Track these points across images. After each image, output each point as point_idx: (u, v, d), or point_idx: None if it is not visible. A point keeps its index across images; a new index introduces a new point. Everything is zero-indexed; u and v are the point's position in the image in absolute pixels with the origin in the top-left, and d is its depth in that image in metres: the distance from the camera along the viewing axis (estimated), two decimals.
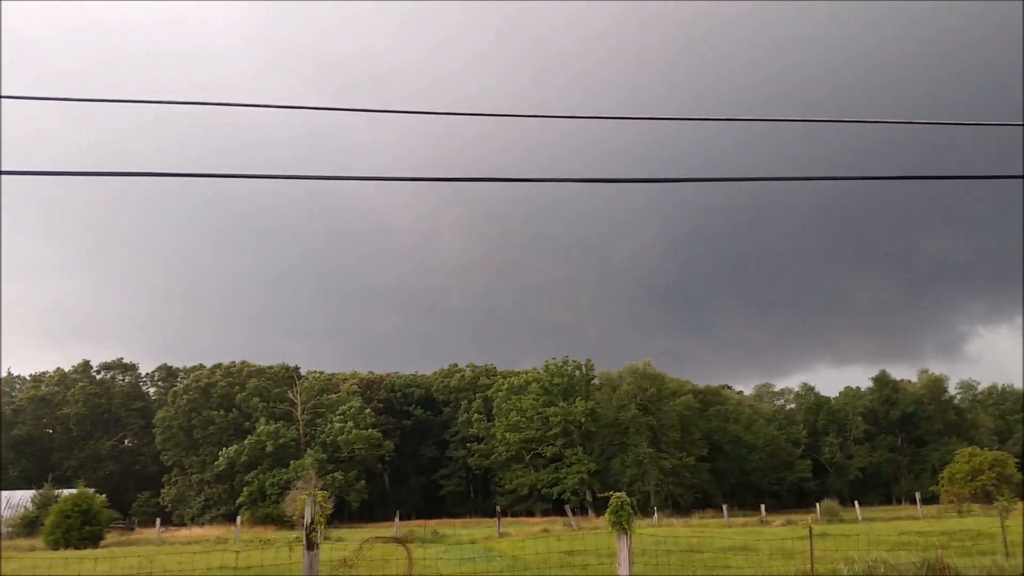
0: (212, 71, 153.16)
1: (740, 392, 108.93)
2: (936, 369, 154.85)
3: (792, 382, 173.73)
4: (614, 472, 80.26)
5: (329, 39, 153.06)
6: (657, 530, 37.70)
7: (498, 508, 51.98)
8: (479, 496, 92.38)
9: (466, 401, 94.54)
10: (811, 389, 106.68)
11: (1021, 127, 8.77)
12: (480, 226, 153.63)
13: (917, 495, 54.27)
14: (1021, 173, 8.50)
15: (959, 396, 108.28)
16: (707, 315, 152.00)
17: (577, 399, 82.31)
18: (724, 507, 54.35)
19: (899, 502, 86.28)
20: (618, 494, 14.17)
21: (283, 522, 59.57)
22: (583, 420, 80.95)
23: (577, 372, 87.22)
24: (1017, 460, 46.40)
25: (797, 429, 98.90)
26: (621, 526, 13.83)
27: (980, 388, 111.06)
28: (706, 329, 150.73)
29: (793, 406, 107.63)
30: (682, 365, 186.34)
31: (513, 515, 74.65)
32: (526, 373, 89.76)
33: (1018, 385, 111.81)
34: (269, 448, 74.17)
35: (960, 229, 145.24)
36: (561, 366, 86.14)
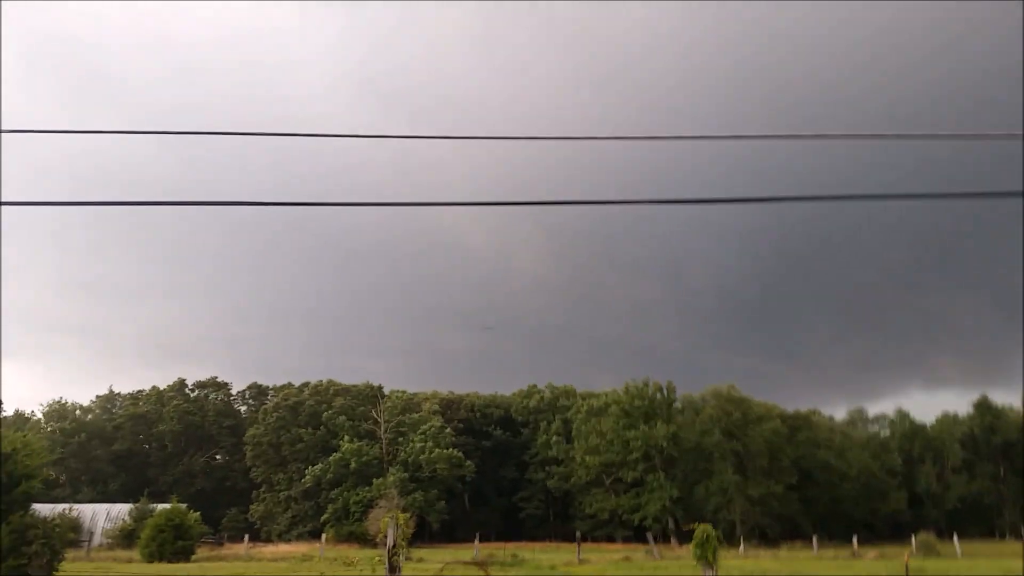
0: (296, 96, 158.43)
1: (831, 417, 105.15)
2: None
3: (882, 407, 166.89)
4: (698, 499, 78.48)
5: (404, 63, 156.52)
6: (744, 562, 36.68)
7: (578, 533, 51.53)
8: (558, 520, 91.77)
9: (545, 422, 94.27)
10: (906, 415, 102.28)
11: None
12: (558, 247, 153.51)
13: (1023, 529, 51.19)
14: None
15: None
16: (792, 337, 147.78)
17: (658, 422, 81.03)
18: (814, 538, 52.48)
19: (1003, 536, 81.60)
20: (703, 525, 13.87)
21: (366, 540, 60.51)
22: (665, 444, 79.58)
23: (658, 395, 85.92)
24: None
25: (891, 457, 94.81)
26: (707, 559, 13.53)
27: None
28: (791, 351, 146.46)
29: (887, 433, 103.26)
30: (767, 388, 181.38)
31: (593, 540, 73.84)
32: (606, 395, 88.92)
33: None
34: (353, 466, 75.53)
35: None
36: (642, 388, 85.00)
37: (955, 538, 50.46)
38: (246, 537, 48.54)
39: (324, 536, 52.59)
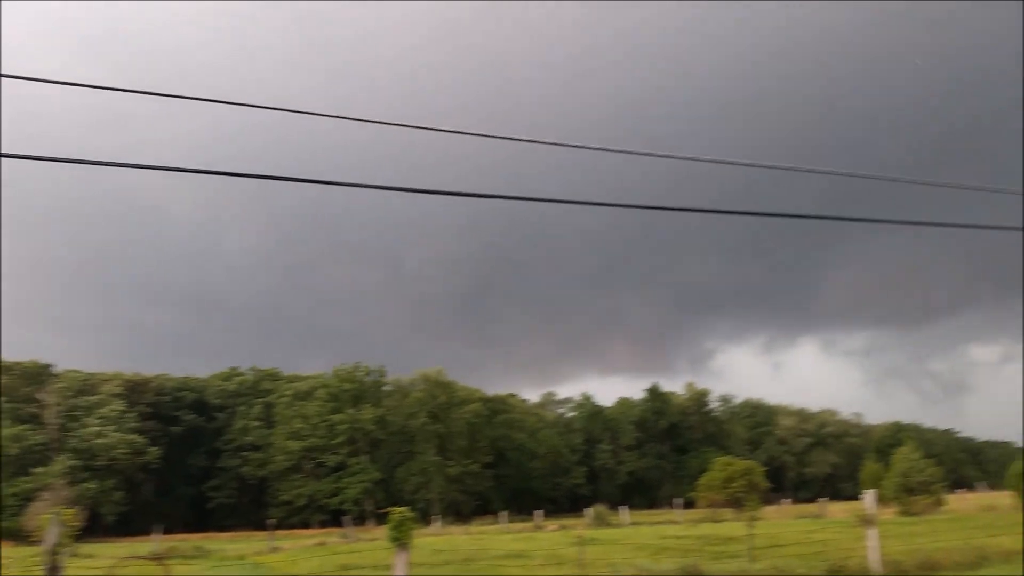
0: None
1: (526, 401, 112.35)
2: (682, 381, 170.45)
3: (568, 391, 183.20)
4: (399, 481, 79.61)
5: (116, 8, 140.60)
6: (437, 539, 37.64)
7: (271, 521, 49.71)
8: (252, 508, 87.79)
9: (245, 407, 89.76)
10: (590, 398, 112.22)
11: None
12: (269, 224, 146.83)
13: (678, 500, 58.37)
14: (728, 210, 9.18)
15: (719, 408, 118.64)
16: (497, 326, 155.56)
17: (366, 405, 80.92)
18: (504, 514, 55.48)
19: (661, 506, 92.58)
20: (400, 509, 13.74)
21: (23, 538, 53.27)
22: (371, 428, 79.67)
23: (369, 378, 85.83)
24: (764, 469, 51.04)
25: (575, 436, 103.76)
26: (400, 541, 13.44)
27: (735, 401, 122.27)
28: (496, 339, 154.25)
29: (574, 414, 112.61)
30: (472, 373, 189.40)
31: (287, 528, 71.54)
32: (313, 378, 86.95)
33: (772, 399, 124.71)
34: (15, 452, 66.36)
35: (712, 256, 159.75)
36: (352, 371, 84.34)
37: (624, 509, 56.14)
38: None
39: None
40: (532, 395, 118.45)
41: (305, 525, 76.46)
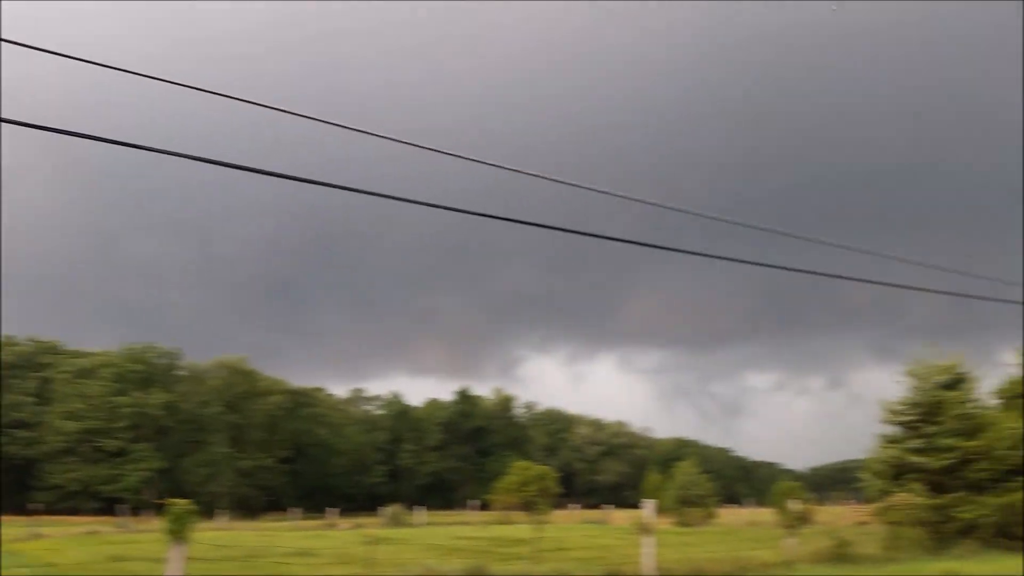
0: None
1: (334, 395, 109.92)
2: (490, 386, 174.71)
3: (378, 388, 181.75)
4: (185, 471, 75.27)
5: None
6: (221, 534, 35.92)
7: (35, 505, 45.36)
8: (14, 491, 79.47)
9: (19, 380, 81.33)
10: (398, 397, 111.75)
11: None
12: (61, 178, 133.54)
13: (475, 502, 59.31)
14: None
15: (522, 414, 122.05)
16: (310, 316, 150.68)
17: (156, 389, 75.84)
18: (296, 510, 53.93)
19: (459, 507, 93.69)
20: (180, 501, 12.97)
21: None
22: (159, 413, 74.75)
23: (161, 360, 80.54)
24: (558, 475, 52.97)
25: (380, 435, 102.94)
26: (178, 535, 12.65)
27: (538, 409, 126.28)
28: (307, 330, 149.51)
29: (382, 412, 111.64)
30: (279, 364, 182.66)
31: (54, 513, 65.50)
32: (99, 355, 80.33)
33: (573, 409, 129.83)
34: None
35: (528, 267, 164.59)
36: (143, 352, 78.79)
37: (421, 509, 56.31)
38: None
39: None
40: (340, 390, 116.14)
41: (75, 512, 70.32)
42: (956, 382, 21.54)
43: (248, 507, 73.56)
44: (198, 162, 9.15)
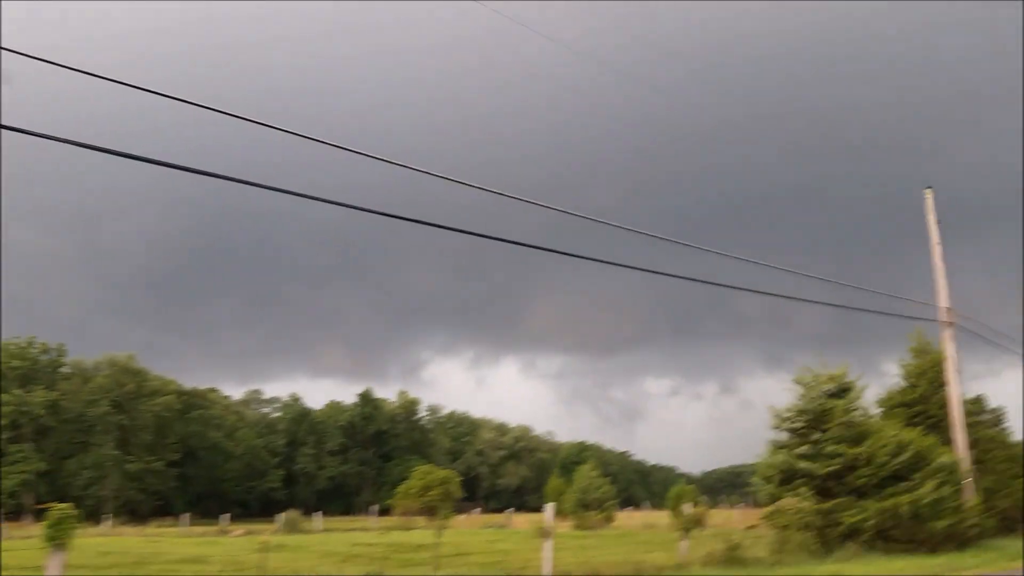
0: None
1: (228, 397, 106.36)
2: (394, 389, 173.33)
3: (276, 390, 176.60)
4: (69, 474, 71.40)
5: None
6: (106, 540, 34.20)
7: None
8: None
9: None
10: (298, 399, 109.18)
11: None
12: None
13: (375, 507, 58.47)
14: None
15: (426, 418, 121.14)
16: (202, 314, 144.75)
17: (38, 387, 71.66)
18: (187, 516, 51.92)
19: (359, 513, 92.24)
20: (62, 506, 12.27)
21: None
22: (40, 412, 70.63)
23: (44, 357, 76.20)
24: (461, 479, 52.77)
25: (277, 438, 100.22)
26: (57, 541, 11.94)
27: (443, 412, 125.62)
28: (200, 328, 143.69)
29: (279, 415, 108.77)
30: (170, 363, 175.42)
31: None
32: None
33: (476, 413, 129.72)
34: None
35: (433, 269, 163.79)
36: (24, 347, 74.37)
37: (319, 515, 55.10)
38: None
39: None
40: (236, 391, 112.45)
41: None
42: (842, 391, 22.49)
43: (136, 512, 70.35)
44: (78, 147, 8.65)
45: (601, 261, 14.78)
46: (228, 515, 55.30)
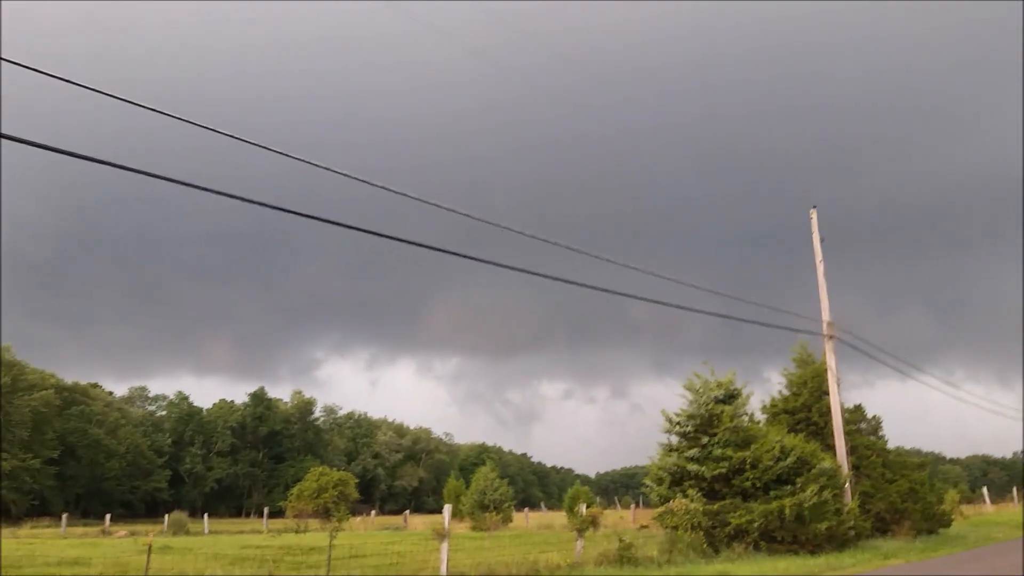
0: None
1: (111, 393, 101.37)
2: (285, 388, 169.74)
3: (160, 387, 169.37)
4: None
5: None
6: None
7: None
8: None
9: None
10: (185, 398, 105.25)
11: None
12: None
13: (265, 509, 57.05)
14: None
15: (322, 419, 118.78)
16: (80, 305, 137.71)
17: None
18: (64, 516, 49.29)
19: (248, 515, 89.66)
20: None
21: None
22: None
23: None
24: (357, 481, 52.08)
25: (163, 437, 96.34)
26: None
27: (340, 413, 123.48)
28: (78, 320, 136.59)
29: (164, 413, 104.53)
30: (46, 356, 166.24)
31: None
32: None
33: (373, 414, 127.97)
34: None
35: (328, 267, 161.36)
36: None
37: (205, 517, 53.31)
38: None
39: None
40: (119, 388, 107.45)
41: None
42: (729, 397, 23.40)
43: (9, 513, 66.24)
44: None
45: (498, 265, 14.93)
46: (110, 516, 52.91)
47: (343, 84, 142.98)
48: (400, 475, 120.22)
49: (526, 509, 64.25)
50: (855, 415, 30.05)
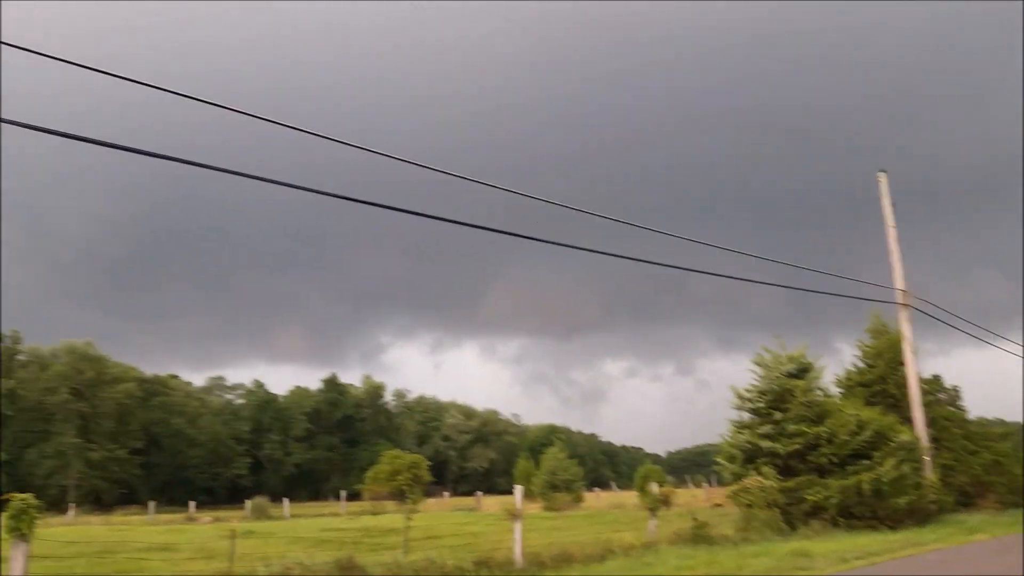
0: None
1: (190, 383, 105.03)
2: (354, 374, 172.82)
3: (236, 376, 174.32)
4: (29, 463, 70.20)
5: None
6: (70, 530, 33.74)
7: None
8: None
9: None
10: (262, 385, 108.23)
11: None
12: None
13: (343, 492, 58.36)
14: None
15: (392, 403, 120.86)
16: (158, 299, 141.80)
17: None
18: (151, 504, 51.37)
19: (327, 498, 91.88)
20: (22, 496, 12.12)
21: None
22: None
23: None
24: (429, 463, 52.84)
25: (242, 424, 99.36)
26: (20, 532, 11.80)
27: (410, 397, 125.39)
28: (156, 314, 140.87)
29: (242, 401, 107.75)
30: (127, 349, 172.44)
31: None
32: None
33: (440, 397, 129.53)
34: None
35: (391, 252, 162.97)
36: None
37: (286, 501, 54.83)
38: None
39: None
40: (197, 378, 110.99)
41: None
42: (801, 371, 22.92)
43: (100, 501, 69.47)
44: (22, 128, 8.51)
45: (559, 244, 14.90)
46: (194, 502, 54.83)
47: (399, 70, 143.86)
48: (470, 457, 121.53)
49: (596, 489, 64.26)
50: (933, 385, 29.16)
